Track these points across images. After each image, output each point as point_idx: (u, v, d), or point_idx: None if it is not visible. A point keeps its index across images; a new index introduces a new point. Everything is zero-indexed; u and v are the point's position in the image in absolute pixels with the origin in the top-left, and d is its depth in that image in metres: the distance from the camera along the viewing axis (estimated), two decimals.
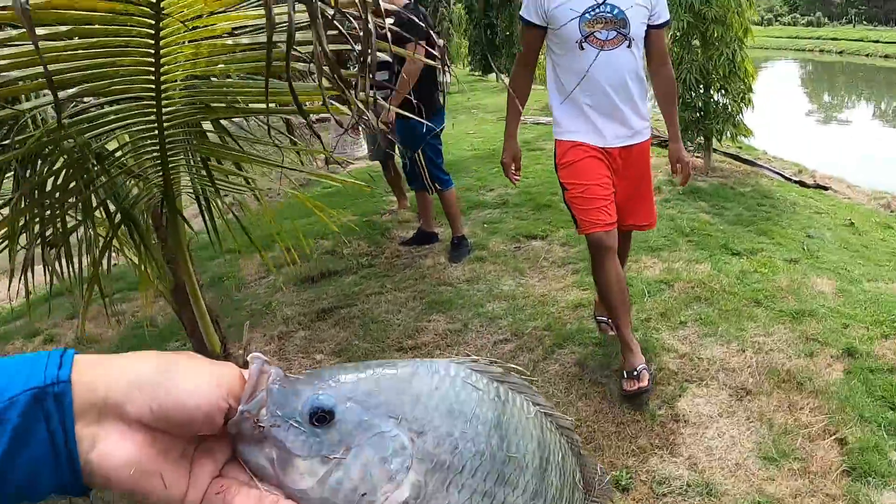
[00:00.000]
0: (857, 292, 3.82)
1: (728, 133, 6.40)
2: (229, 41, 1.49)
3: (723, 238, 4.49)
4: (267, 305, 4.38)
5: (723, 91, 6.45)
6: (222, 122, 2.15)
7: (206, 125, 2.11)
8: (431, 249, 4.91)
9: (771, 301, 3.66)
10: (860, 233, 5.15)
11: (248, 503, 0.47)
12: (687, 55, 6.28)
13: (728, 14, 6.18)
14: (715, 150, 7.00)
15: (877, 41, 39.54)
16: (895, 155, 12.26)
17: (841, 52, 38.30)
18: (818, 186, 6.57)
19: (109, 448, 0.44)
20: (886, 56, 35.27)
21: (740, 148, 7.66)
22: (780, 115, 15.56)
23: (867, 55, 36.78)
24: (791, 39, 42.30)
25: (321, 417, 0.49)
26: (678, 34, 6.31)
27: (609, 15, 2.72)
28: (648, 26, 2.82)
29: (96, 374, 0.45)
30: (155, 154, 1.81)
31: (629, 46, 2.77)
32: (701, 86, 6.48)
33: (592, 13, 2.72)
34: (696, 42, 6.36)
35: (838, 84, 28.27)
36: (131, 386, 0.45)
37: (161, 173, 1.85)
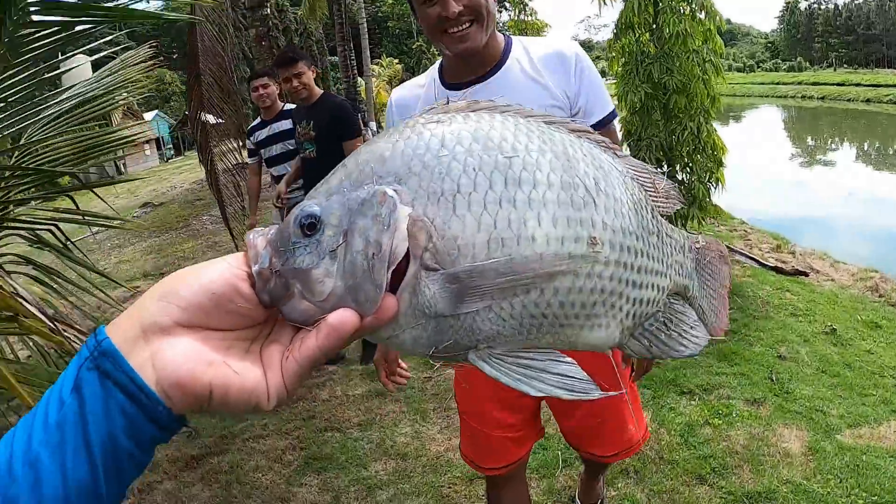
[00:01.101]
0: (832, 452, 2.82)
1: (694, 218, 5.45)
2: None
3: (672, 369, 3.50)
4: None
5: (688, 170, 5.52)
6: None
7: None
8: (333, 375, 3.95)
9: (719, 475, 2.67)
10: (843, 343, 4.16)
11: (309, 342, 0.47)
12: (646, 130, 5.35)
13: (692, 83, 5.28)
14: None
15: (858, 84, 38.90)
16: (880, 199, 11.36)
17: (823, 98, 37.48)
18: (797, 273, 5.59)
19: (164, 357, 0.44)
20: (868, 101, 34.55)
21: (715, 218, 6.71)
22: (761, 171, 14.68)
23: (849, 100, 36.03)
24: (773, 86, 41.50)
25: (311, 225, 0.49)
26: (637, 106, 5.41)
27: None
28: None
29: (127, 317, 0.46)
30: None
31: None
32: (664, 164, 5.56)
33: None
34: (658, 115, 5.43)
35: (821, 132, 27.41)
36: (156, 301, 0.46)
37: None
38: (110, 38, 2.80)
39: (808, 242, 7.34)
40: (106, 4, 2.32)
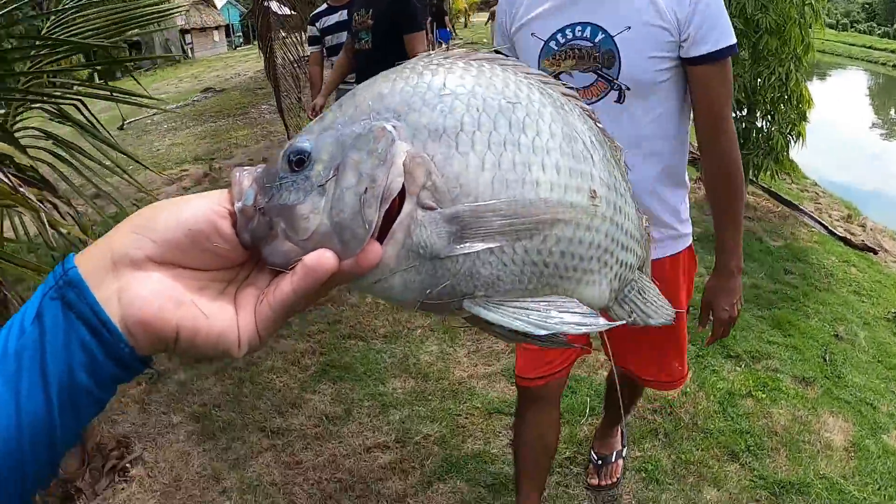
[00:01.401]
0: (875, 452, 2.55)
1: (768, 170, 5.01)
2: None
3: None
4: None
5: (769, 118, 5.04)
6: None
7: None
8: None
9: (754, 455, 2.43)
10: None
11: (284, 285, 0.43)
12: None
13: (788, 25, 4.73)
14: (752, 182, 5.60)
15: None
16: None
17: None
18: (865, 248, 5.14)
19: (131, 292, 0.41)
20: None
21: (789, 174, 6.18)
22: (838, 133, 13.69)
23: None
24: (864, 49, 38.47)
25: (299, 161, 0.45)
26: None
27: (585, 44, 1.46)
28: (683, 60, 1.46)
29: (97, 248, 0.43)
30: None
31: (620, 100, 1.47)
32: (744, 108, 5.08)
33: (561, 42, 1.49)
34: (745, 54, 4.91)
35: None
36: (129, 233, 0.43)
37: None
38: None
39: (878, 218, 6.79)
40: None
